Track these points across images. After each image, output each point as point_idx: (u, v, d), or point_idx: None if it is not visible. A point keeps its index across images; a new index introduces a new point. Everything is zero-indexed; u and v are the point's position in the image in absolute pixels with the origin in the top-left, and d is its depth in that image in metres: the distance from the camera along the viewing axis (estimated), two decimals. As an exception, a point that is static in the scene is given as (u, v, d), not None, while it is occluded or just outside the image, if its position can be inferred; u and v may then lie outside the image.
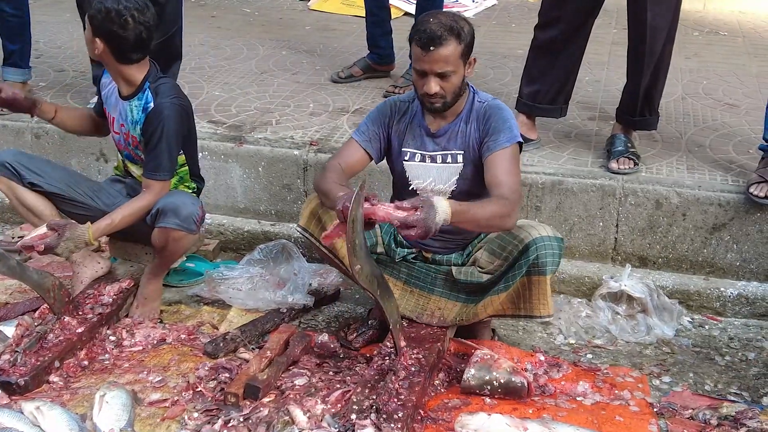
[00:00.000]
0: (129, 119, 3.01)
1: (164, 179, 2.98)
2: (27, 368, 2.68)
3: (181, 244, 3.03)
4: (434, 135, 2.78)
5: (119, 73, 2.96)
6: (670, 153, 3.58)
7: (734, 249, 3.30)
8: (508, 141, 2.67)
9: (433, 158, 2.80)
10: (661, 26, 3.27)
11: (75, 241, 2.82)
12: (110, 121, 3.13)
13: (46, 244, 2.78)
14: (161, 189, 2.98)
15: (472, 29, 2.67)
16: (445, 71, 2.61)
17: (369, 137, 2.82)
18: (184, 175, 3.17)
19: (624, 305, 3.21)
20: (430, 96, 2.65)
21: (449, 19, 2.62)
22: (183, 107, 3.01)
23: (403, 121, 2.83)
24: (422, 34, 2.59)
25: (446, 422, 2.52)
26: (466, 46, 2.63)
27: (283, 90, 4.30)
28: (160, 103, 2.93)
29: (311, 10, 5.91)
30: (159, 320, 3.16)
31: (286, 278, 3.30)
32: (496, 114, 2.72)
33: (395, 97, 2.92)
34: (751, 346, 3.11)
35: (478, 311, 2.83)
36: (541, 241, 2.66)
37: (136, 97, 2.97)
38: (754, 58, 4.87)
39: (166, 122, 2.92)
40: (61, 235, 2.79)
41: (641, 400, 2.70)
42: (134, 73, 2.96)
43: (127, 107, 3.00)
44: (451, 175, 2.79)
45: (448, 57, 2.59)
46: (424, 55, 2.60)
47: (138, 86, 2.97)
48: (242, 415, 2.51)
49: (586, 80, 4.34)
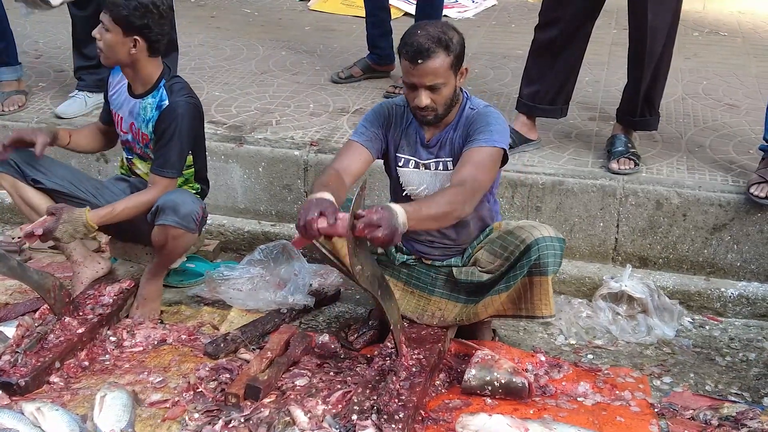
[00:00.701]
0: (142, 117, 3.00)
1: (171, 176, 2.98)
2: (27, 369, 2.67)
3: (180, 242, 3.00)
4: (428, 144, 2.76)
5: (142, 69, 2.95)
6: (670, 153, 3.58)
7: (735, 249, 3.30)
8: (486, 142, 2.61)
9: (426, 166, 2.78)
10: (661, 27, 3.27)
11: (73, 223, 2.80)
12: (116, 120, 3.13)
13: (45, 228, 2.77)
14: (167, 186, 2.97)
15: (461, 39, 2.61)
16: (435, 84, 2.56)
17: (369, 137, 2.77)
18: (189, 176, 3.17)
19: (624, 306, 3.22)
20: (421, 109, 2.61)
21: (437, 30, 2.55)
22: (197, 107, 3.02)
23: (399, 127, 2.79)
24: (409, 47, 2.54)
25: (447, 423, 2.52)
26: (456, 57, 2.57)
27: (283, 90, 4.30)
28: (175, 101, 2.94)
29: (311, 11, 5.91)
30: (159, 321, 3.15)
31: (286, 279, 3.30)
32: (480, 118, 2.67)
33: (390, 100, 2.87)
34: (751, 346, 3.11)
35: (479, 311, 2.83)
36: (543, 242, 2.65)
37: (151, 95, 2.97)
38: (753, 59, 4.87)
39: (180, 120, 2.92)
40: (58, 218, 2.78)
41: (642, 401, 2.70)
42: (154, 69, 2.97)
43: (140, 105, 3.00)
44: (443, 183, 2.77)
45: (437, 69, 2.54)
46: (413, 68, 2.54)
47: (154, 84, 2.97)
48: (243, 416, 2.51)
49: (586, 81, 4.34)
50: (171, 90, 2.96)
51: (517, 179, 3.40)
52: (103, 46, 2.90)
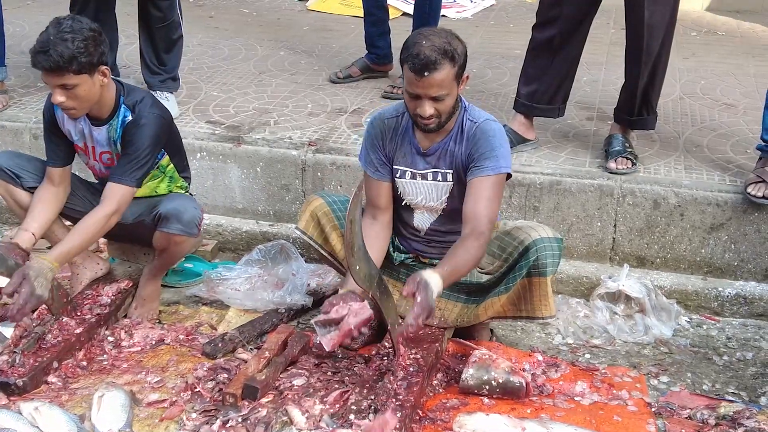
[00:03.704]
0: (112, 140, 2.93)
1: (128, 185, 2.85)
2: (25, 369, 2.68)
3: (182, 247, 3.05)
4: (425, 154, 2.75)
5: (105, 95, 2.83)
6: (668, 153, 3.58)
7: (732, 249, 3.30)
8: (493, 170, 2.62)
9: (423, 176, 2.78)
10: (658, 26, 3.27)
11: (43, 274, 2.67)
12: (89, 151, 3.00)
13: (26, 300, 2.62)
14: (123, 195, 2.85)
15: (465, 48, 2.59)
16: (440, 95, 2.55)
17: (376, 166, 2.80)
18: (172, 174, 3.14)
19: (622, 305, 3.22)
20: (424, 118, 2.60)
21: (443, 41, 2.52)
22: (161, 117, 2.92)
23: (394, 139, 2.78)
24: (415, 59, 2.49)
25: (444, 422, 2.52)
26: (460, 67, 2.56)
27: (281, 90, 4.30)
28: (138, 114, 2.86)
29: (309, 11, 5.91)
30: (157, 321, 3.16)
31: (284, 278, 3.30)
32: (485, 139, 2.65)
33: (380, 112, 2.85)
34: (748, 345, 3.11)
35: (479, 313, 2.83)
36: (541, 243, 2.66)
37: (115, 116, 2.89)
38: (751, 58, 4.87)
39: (142, 132, 2.85)
40: (29, 281, 2.63)
41: (639, 400, 2.70)
42: (111, 90, 2.86)
43: (106, 130, 2.91)
44: (441, 193, 2.78)
45: (443, 81, 2.52)
46: (418, 80, 2.52)
47: (114, 105, 2.88)
48: (241, 416, 2.51)
49: (584, 80, 4.34)
50: (132, 105, 2.87)
51: (515, 179, 3.40)
52: (77, 104, 2.76)
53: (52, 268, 2.71)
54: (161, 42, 3.95)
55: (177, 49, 4.04)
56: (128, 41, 4.71)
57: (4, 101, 4.01)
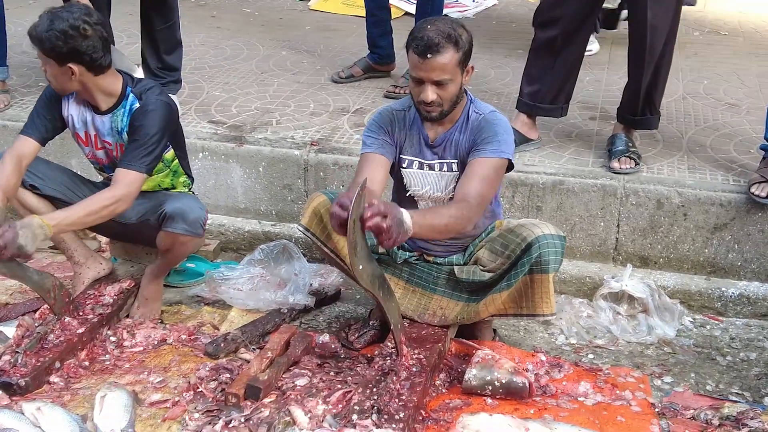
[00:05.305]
0: (116, 129, 2.93)
1: (138, 170, 2.82)
2: (27, 369, 2.67)
3: (187, 247, 3.05)
4: (432, 144, 2.76)
5: (97, 87, 2.85)
6: (671, 153, 3.57)
7: (735, 249, 3.29)
8: (493, 153, 2.63)
9: (431, 166, 2.78)
10: (661, 25, 3.27)
11: (30, 227, 2.58)
12: (90, 139, 3.01)
13: (5, 240, 2.53)
14: (133, 181, 2.81)
15: (470, 37, 2.62)
16: (443, 79, 2.56)
17: (380, 144, 2.77)
18: (177, 168, 3.14)
19: (625, 305, 3.21)
20: (427, 104, 2.61)
21: (447, 26, 2.56)
22: (168, 105, 2.93)
23: (402, 129, 2.79)
24: (419, 41, 2.54)
25: (447, 423, 2.51)
26: (464, 54, 2.59)
27: (283, 90, 4.29)
28: (146, 101, 2.87)
29: (311, 10, 5.91)
30: (159, 321, 3.16)
31: (286, 278, 3.30)
32: (488, 127, 2.67)
33: (389, 106, 2.86)
34: (752, 346, 3.11)
35: (480, 310, 2.82)
36: (543, 239, 2.65)
37: (121, 105, 2.90)
38: (754, 58, 4.87)
39: (151, 117, 2.85)
40: (13, 227, 2.56)
41: (643, 401, 2.69)
42: (112, 82, 2.87)
43: (110, 119, 2.92)
44: (447, 184, 2.78)
45: (446, 65, 2.55)
46: (422, 62, 2.55)
47: (120, 95, 2.89)
48: (243, 416, 2.51)
49: (586, 80, 4.33)
50: (140, 93, 2.89)
51: (518, 179, 3.40)
52: (50, 78, 2.81)
53: (42, 225, 2.61)
54: (163, 44, 3.96)
55: (178, 50, 4.05)
56: (129, 41, 4.71)
57: (6, 101, 4.01)
